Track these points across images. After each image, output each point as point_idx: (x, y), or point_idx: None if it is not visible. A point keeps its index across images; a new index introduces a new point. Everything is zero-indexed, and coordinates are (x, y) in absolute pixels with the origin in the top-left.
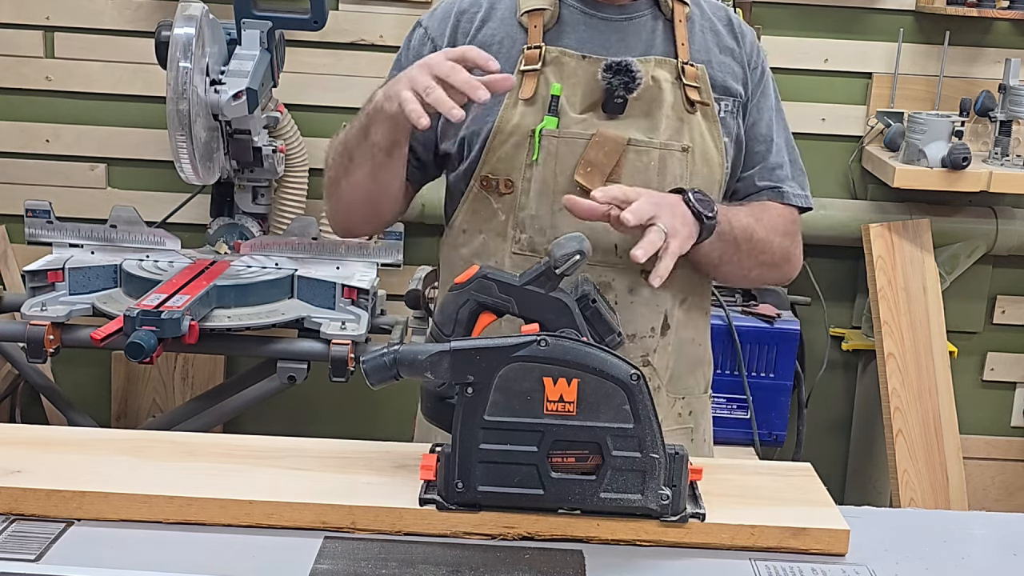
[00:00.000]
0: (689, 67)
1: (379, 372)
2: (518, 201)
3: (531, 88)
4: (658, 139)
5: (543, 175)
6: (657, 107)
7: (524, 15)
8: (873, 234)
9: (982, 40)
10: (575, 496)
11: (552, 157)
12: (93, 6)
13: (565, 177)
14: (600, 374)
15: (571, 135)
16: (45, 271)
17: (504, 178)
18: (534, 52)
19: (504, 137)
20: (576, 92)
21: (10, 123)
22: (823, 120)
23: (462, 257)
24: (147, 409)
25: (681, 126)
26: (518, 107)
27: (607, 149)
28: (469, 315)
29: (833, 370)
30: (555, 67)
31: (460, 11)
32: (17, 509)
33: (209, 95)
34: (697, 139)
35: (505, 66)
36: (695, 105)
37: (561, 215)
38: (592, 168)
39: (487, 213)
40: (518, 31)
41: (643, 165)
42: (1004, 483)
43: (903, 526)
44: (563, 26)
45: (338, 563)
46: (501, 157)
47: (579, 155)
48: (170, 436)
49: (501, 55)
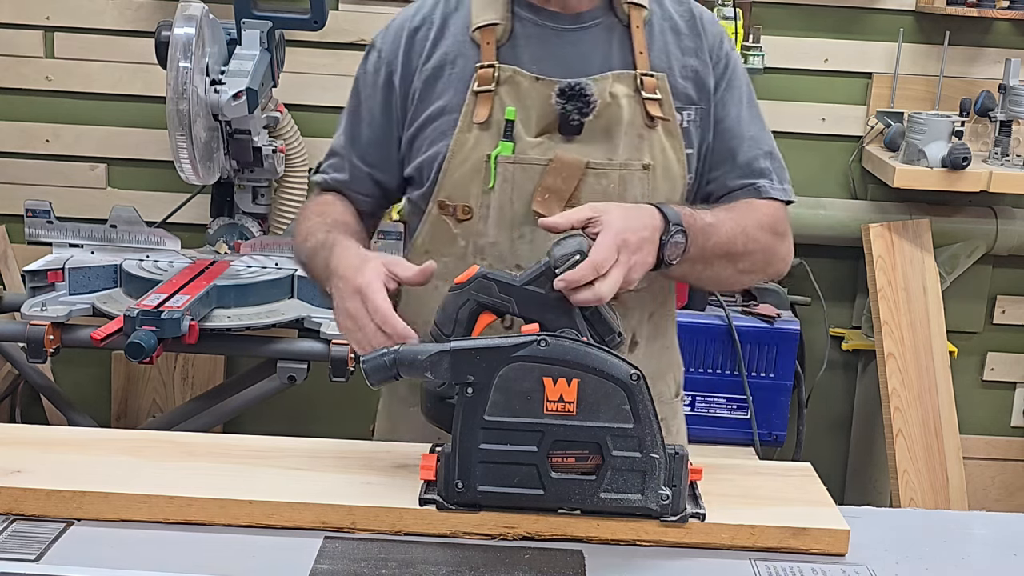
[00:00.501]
0: (648, 78)
1: (379, 372)
2: (476, 228)
3: (485, 111)
4: (618, 159)
5: (500, 202)
6: (616, 125)
7: (476, 31)
8: (873, 234)
9: (982, 40)
10: (575, 496)
11: (509, 183)
12: (93, 6)
13: (523, 203)
14: (600, 374)
15: (528, 160)
16: (45, 271)
17: (462, 204)
18: (487, 72)
19: (459, 163)
20: (531, 115)
21: (10, 123)
22: (823, 120)
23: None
24: (147, 409)
25: (641, 143)
26: (472, 131)
27: (565, 175)
28: (469, 315)
29: (833, 370)
30: (509, 87)
31: (412, 29)
32: (17, 509)
33: (209, 95)
34: (658, 155)
35: (458, 86)
36: (655, 120)
37: (521, 242)
38: (550, 195)
39: (447, 237)
40: (471, 48)
41: (602, 188)
42: (1004, 483)
43: (903, 526)
44: (516, 40)
45: (338, 563)
46: (457, 183)
47: (535, 180)
48: (170, 436)
49: (455, 75)
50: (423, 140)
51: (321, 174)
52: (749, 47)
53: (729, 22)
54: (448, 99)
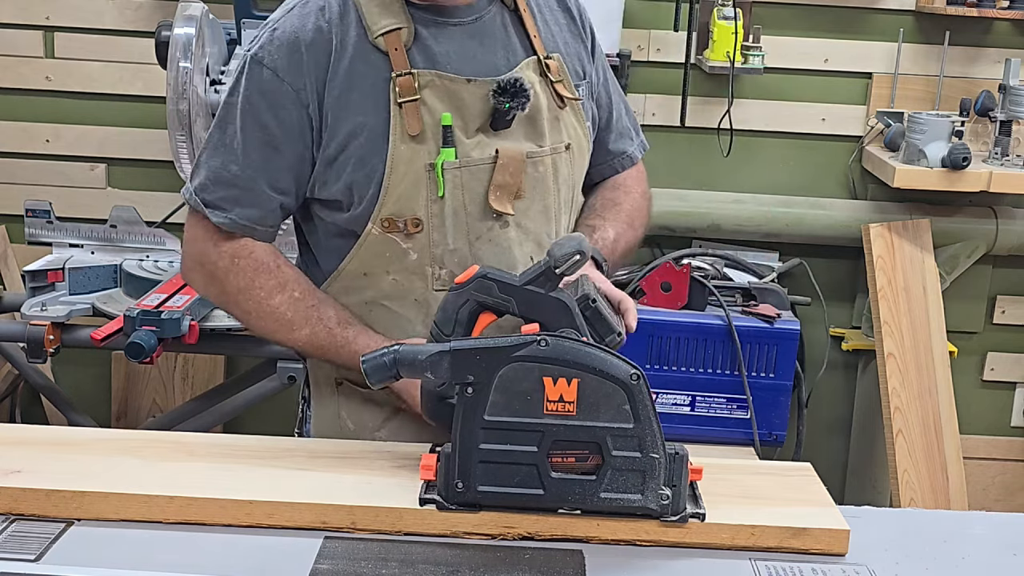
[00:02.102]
0: (551, 61)
1: (379, 372)
2: (431, 238)
3: (417, 122)
4: (546, 144)
5: (452, 208)
6: (537, 112)
7: (380, 38)
8: (873, 234)
9: (982, 40)
10: (575, 496)
11: (458, 188)
12: (93, 6)
13: (476, 205)
14: (600, 374)
15: (471, 162)
16: (45, 271)
17: (411, 217)
18: (406, 80)
19: (400, 177)
20: (464, 116)
21: (10, 123)
22: (823, 120)
23: (369, 302)
24: (147, 409)
25: (558, 124)
26: (407, 143)
27: (512, 169)
28: (469, 315)
29: (833, 370)
30: (432, 91)
31: (308, 43)
32: (17, 509)
33: (209, 95)
34: (572, 134)
35: (375, 98)
36: (565, 101)
37: (479, 243)
38: (501, 191)
39: (393, 254)
40: (376, 56)
41: (540, 175)
42: (1004, 483)
43: (903, 526)
44: (423, 42)
45: (338, 563)
46: (401, 197)
47: (482, 180)
48: (170, 436)
49: (367, 87)
50: (346, 160)
51: (217, 212)
52: (749, 47)
53: (729, 22)
54: (366, 114)
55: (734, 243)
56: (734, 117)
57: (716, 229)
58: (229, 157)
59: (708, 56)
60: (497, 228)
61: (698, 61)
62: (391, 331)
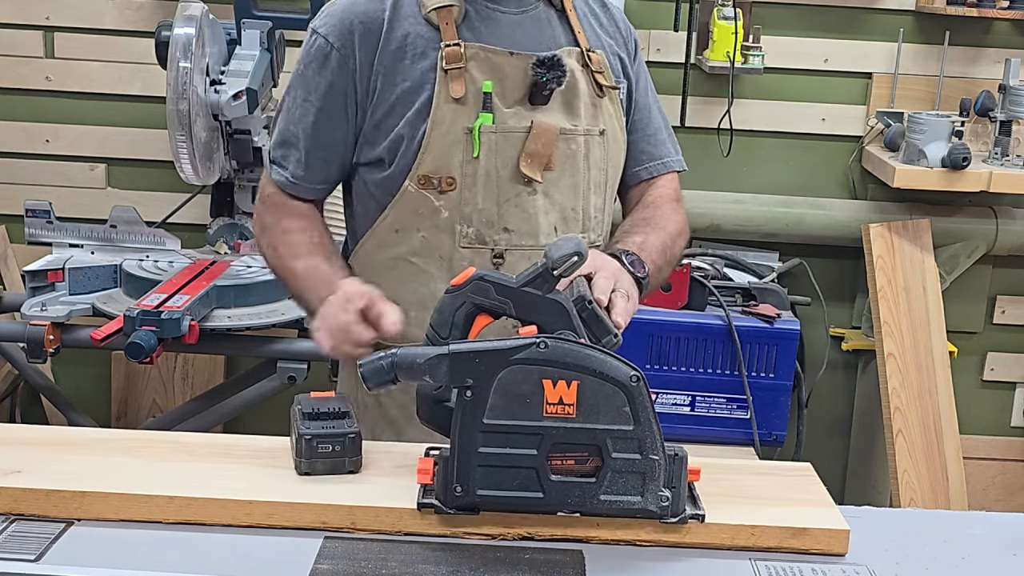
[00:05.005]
0: (593, 54)
1: (377, 376)
2: (462, 196)
3: (460, 86)
4: (581, 126)
5: (485, 169)
6: (575, 95)
7: (432, 12)
8: (873, 234)
9: (982, 40)
10: (575, 499)
11: (492, 152)
12: (93, 6)
13: (508, 169)
14: (600, 376)
15: (507, 129)
16: (45, 271)
17: (445, 176)
18: (455, 50)
19: (439, 136)
20: (504, 87)
21: (10, 123)
22: (823, 120)
23: (396, 257)
24: (147, 409)
25: (596, 111)
26: (449, 106)
27: (544, 140)
28: (466, 317)
29: (833, 370)
30: (476, 63)
31: (362, 18)
32: (17, 509)
33: (209, 95)
34: (608, 122)
35: (421, 64)
36: (604, 90)
37: (507, 206)
38: (532, 159)
39: (427, 210)
40: (427, 29)
41: (571, 152)
42: (1004, 483)
43: (903, 526)
44: (471, 22)
45: (338, 563)
46: (439, 156)
47: (516, 147)
48: (170, 436)
49: (417, 56)
50: (392, 121)
51: (277, 169)
52: (749, 47)
53: (729, 22)
54: (414, 80)
55: (734, 243)
56: (734, 117)
57: (716, 229)
58: (289, 119)
59: (708, 56)
60: (525, 194)
61: (698, 61)
62: (414, 286)
